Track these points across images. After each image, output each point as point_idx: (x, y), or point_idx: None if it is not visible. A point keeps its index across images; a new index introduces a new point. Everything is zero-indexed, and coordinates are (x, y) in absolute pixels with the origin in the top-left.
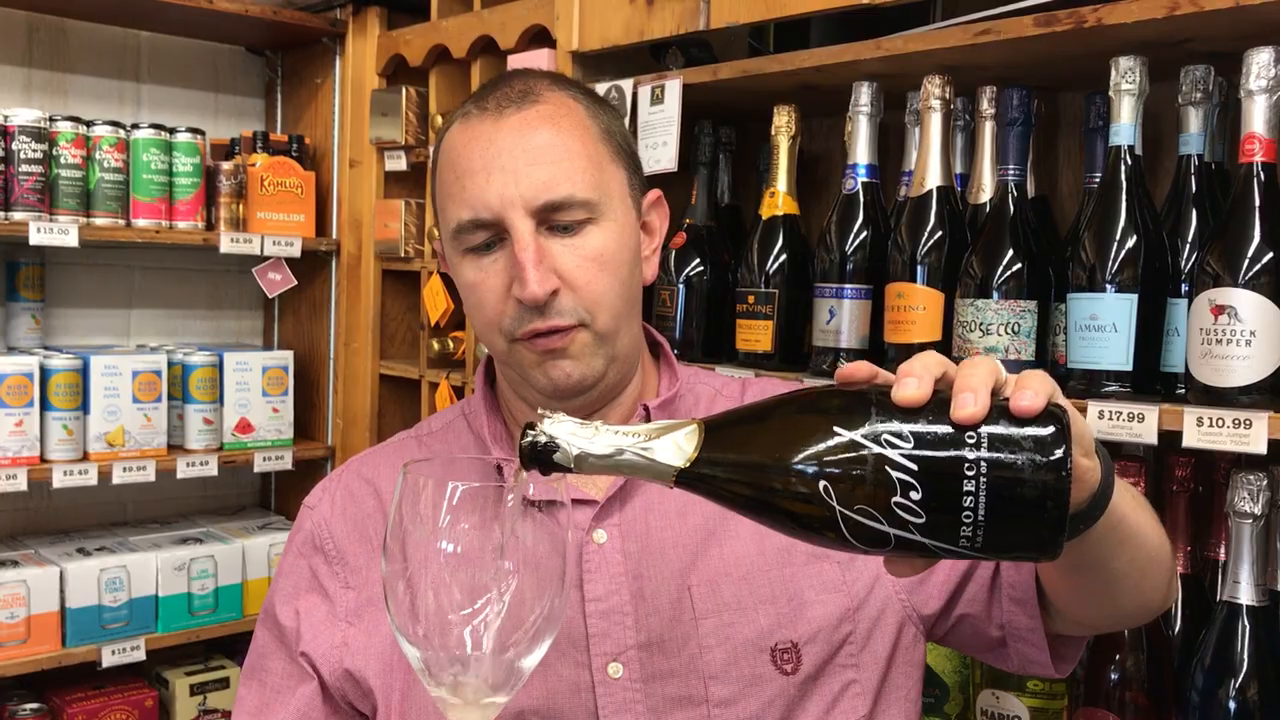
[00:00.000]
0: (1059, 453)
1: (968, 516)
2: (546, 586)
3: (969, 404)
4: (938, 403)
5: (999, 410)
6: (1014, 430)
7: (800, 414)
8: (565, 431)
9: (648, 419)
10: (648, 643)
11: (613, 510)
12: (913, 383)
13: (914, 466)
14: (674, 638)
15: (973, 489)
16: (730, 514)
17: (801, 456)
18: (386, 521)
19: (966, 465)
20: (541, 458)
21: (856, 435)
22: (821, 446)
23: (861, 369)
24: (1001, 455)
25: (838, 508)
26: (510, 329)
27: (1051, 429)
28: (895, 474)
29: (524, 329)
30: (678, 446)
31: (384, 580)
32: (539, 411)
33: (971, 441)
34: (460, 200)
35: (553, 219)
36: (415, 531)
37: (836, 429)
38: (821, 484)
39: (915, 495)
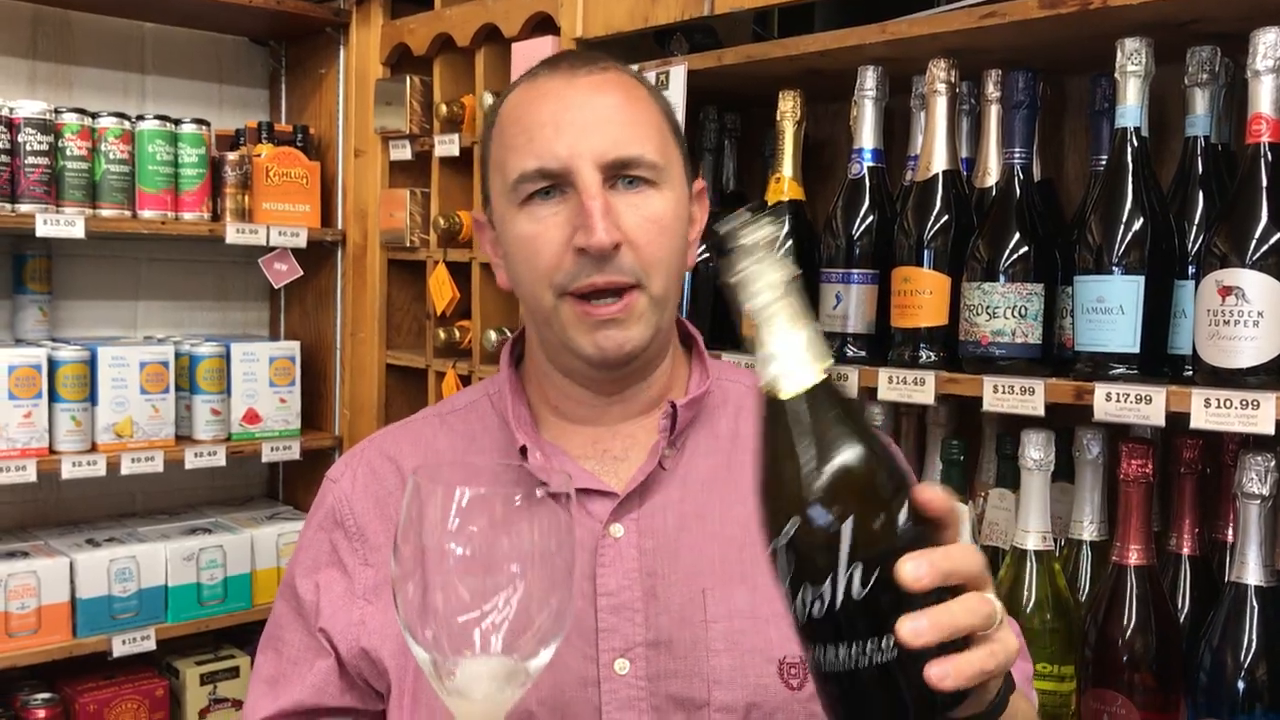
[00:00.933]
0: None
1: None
2: (555, 587)
3: (912, 632)
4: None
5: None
6: (913, 677)
7: (855, 461)
8: (749, 243)
9: (674, 419)
10: (656, 641)
11: (632, 505)
12: (922, 569)
13: (839, 603)
14: (682, 639)
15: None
16: (754, 522)
17: (817, 487)
18: (396, 523)
19: (863, 648)
20: (731, 239)
21: (845, 539)
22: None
23: (940, 504)
24: (889, 677)
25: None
26: (564, 283)
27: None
28: (829, 589)
29: (580, 283)
30: (809, 364)
31: (392, 582)
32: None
33: (883, 646)
34: (526, 151)
35: (620, 175)
36: (423, 534)
37: (854, 514)
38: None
39: (818, 609)
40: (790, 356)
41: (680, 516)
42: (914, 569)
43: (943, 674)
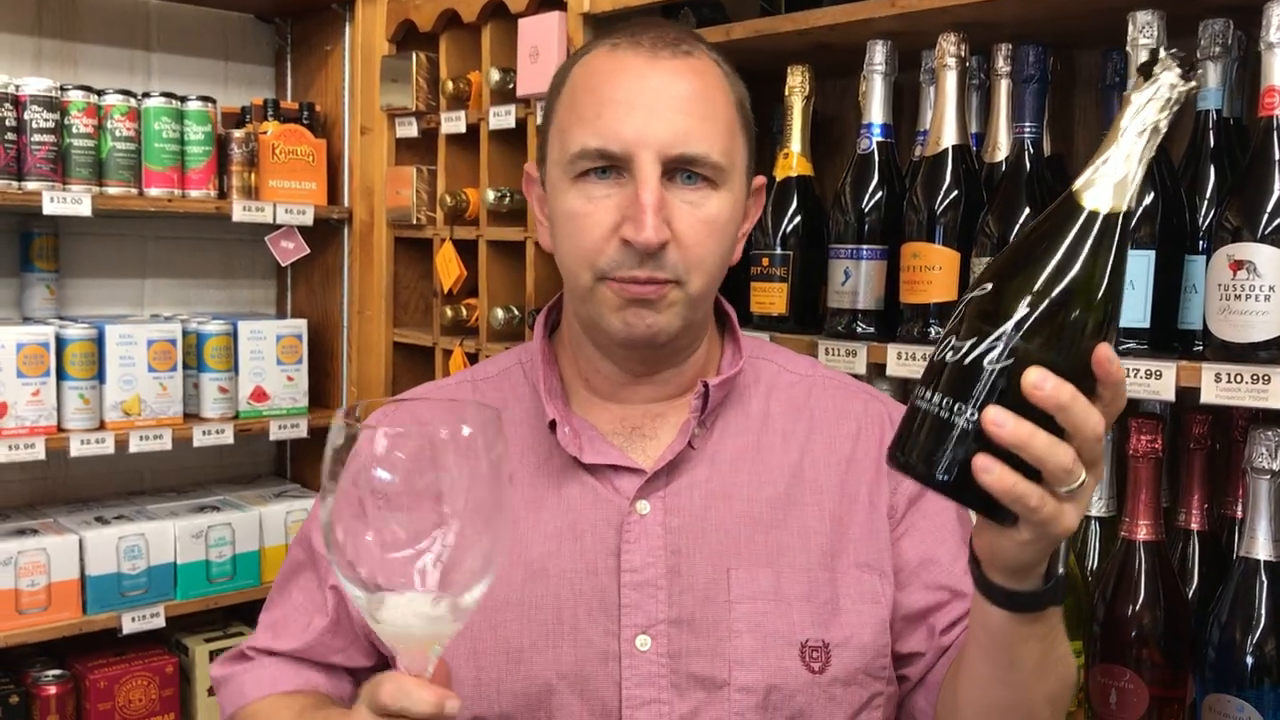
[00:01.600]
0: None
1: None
2: (487, 526)
3: (995, 418)
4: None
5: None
6: (967, 452)
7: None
8: (1167, 84)
9: (706, 397)
10: (678, 619)
11: (659, 483)
12: (1047, 384)
13: (968, 359)
14: (705, 618)
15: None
16: (782, 503)
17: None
18: (323, 465)
19: (952, 405)
20: (1147, 69)
21: (1017, 317)
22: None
23: (1112, 368)
24: (953, 439)
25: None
26: (605, 269)
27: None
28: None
29: (621, 272)
30: (1124, 196)
31: (325, 524)
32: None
33: (968, 415)
34: (592, 127)
35: (680, 173)
36: (355, 473)
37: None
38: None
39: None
40: (1117, 179)
41: (707, 495)
42: (1040, 378)
43: (986, 467)
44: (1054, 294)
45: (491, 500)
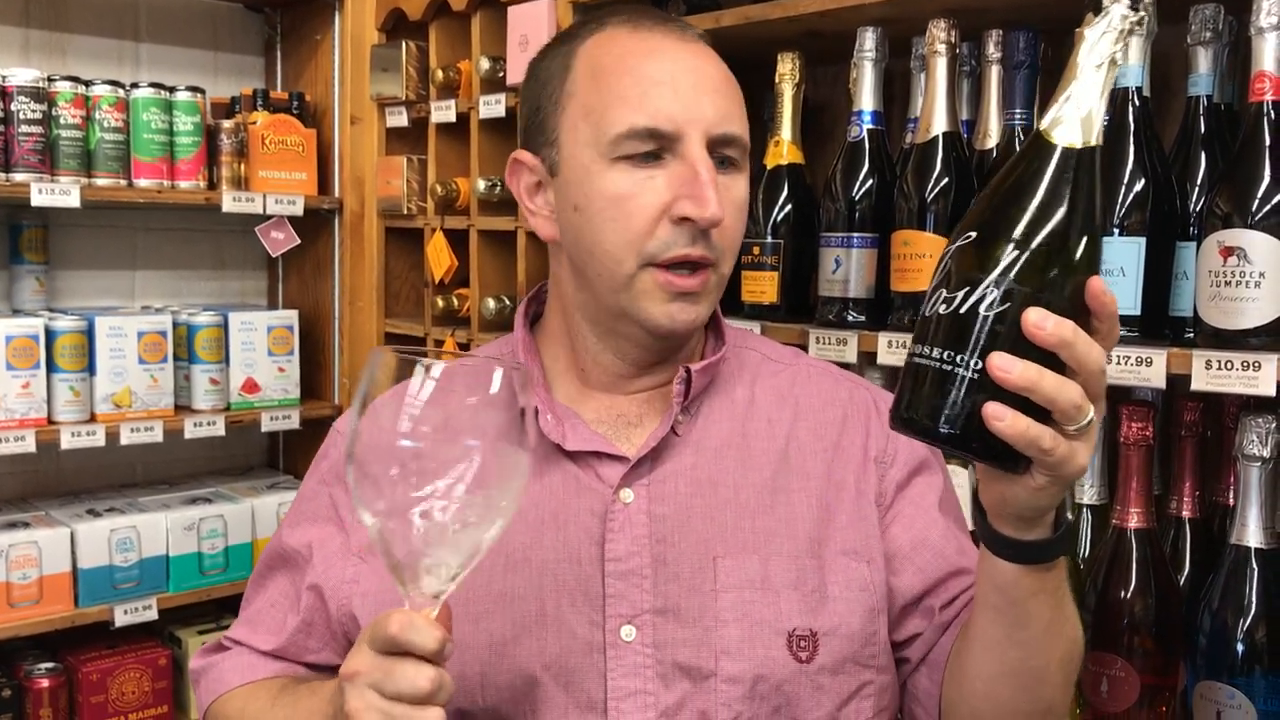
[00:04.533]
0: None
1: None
2: (509, 470)
3: (1002, 364)
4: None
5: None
6: (976, 403)
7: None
8: (1119, 15)
9: (688, 383)
10: (663, 609)
11: (643, 471)
12: (1048, 323)
13: (963, 309)
14: (691, 607)
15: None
16: (769, 490)
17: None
18: (359, 389)
19: (953, 356)
20: (1096, 2)
21: (1007, 261)
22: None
23: (1105, 299)
24: (959, 390)
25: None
26: (656, 251)
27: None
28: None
29: (674, 253)
30: (1091, 130)
31: (349, 455)
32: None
33: (971, 365)
34: (638, 106)
35: (720, 152)
36: (380, 410)
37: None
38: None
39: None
40: (1083, 115)
41: (693, 483)
42: (1040, 317)
43: (998, 414)
44: (1042, 234)
45: (515, 444)
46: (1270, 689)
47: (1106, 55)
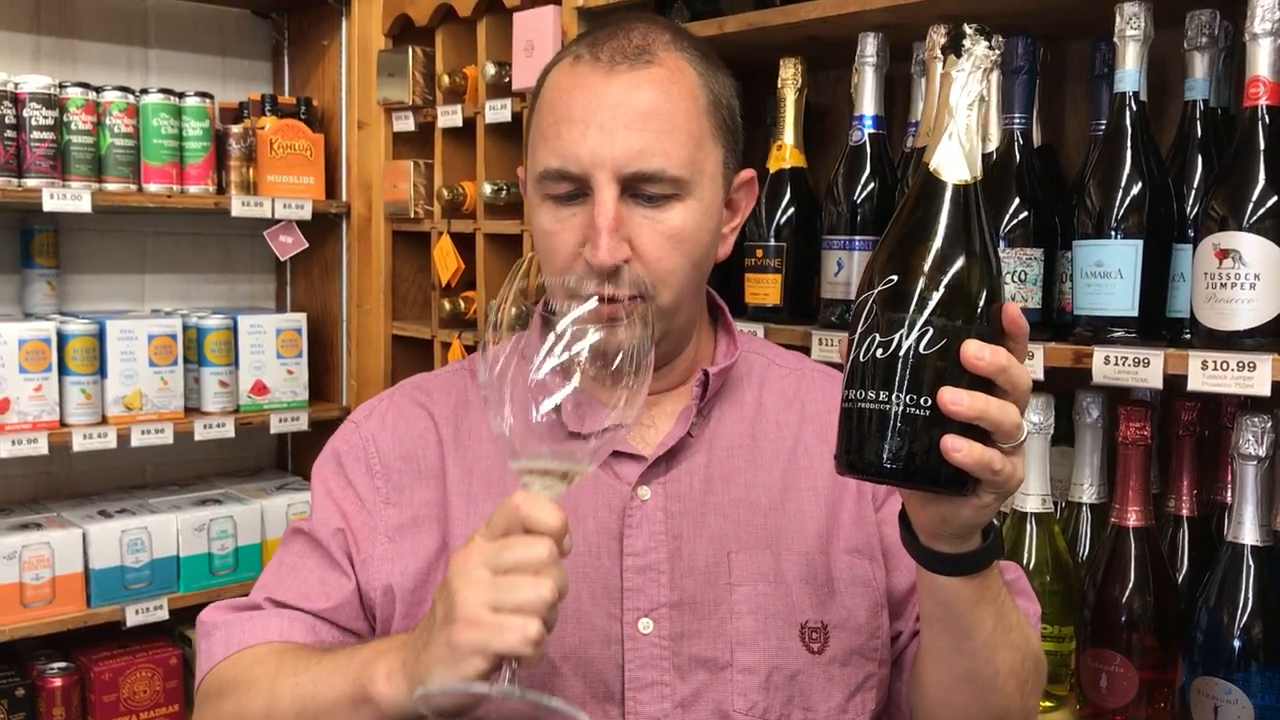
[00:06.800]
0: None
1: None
2: (631, 389)
3: (952, 397)
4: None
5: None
6: (932, 438)
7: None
8: (981, 55)
9: (706, 385)
10: (680, 602)
11: (660, 469)
12: (985, 353)
13: (903, 351)
14: (706, 600)
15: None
16: (779, 489)
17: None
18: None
19: (900, 397)
20: (956, 46)
21: (933, 301)
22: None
23: (1019, 321)
24: (911, 430)
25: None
26: (573, 287)
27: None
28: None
29: (587, 291)
30: (973, 166)
31: (485, 344)
32: (971, 33)
33: (920, 404)
34: (552, 147)
35: (639, 189)
36: (557, 326)
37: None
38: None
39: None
40: (962, 152)
41: (707, 481)
42: (977, 348)
43: (956, 445)
44: (958, 269)
45: (644, 369)
46: (1266, 684)
47: (976, 94)
